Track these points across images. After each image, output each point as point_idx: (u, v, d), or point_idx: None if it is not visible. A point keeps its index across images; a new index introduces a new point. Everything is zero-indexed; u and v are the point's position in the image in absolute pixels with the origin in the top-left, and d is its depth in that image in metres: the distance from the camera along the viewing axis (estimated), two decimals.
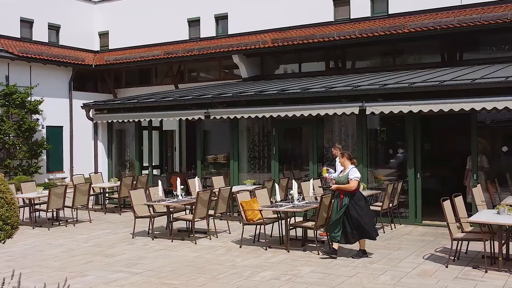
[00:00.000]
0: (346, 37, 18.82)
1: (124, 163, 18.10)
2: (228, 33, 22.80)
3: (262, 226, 11.03)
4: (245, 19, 22.30)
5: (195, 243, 11.49)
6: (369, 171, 13.77)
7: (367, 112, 12.96)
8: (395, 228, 12.73)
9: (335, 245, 10.05)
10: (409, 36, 17.99)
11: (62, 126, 23.06)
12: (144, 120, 16.40)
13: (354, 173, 9.96)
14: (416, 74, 15.53)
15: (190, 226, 12.13)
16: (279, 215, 11.23)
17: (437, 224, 12.91)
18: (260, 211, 10.88)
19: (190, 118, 15.42)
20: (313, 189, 11.74)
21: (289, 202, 11.08)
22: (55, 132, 22.72)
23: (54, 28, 24.53)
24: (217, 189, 12.52)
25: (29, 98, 21.53)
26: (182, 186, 12.40)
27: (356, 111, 13.03)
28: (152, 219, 12.27)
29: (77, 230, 13.42)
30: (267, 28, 21.80)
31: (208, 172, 18.07)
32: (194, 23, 23.76)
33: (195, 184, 13.07)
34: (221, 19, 23.24)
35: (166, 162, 22.40)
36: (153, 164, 17.46)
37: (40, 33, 23.86)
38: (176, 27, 23.74)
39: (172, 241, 11.73)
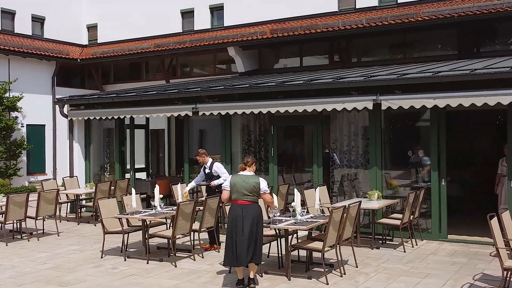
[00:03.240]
0: (352, 26, 16.34)
1: (104, 165, 15.60)
2: (224, 25, 20.27)
3: None
4: (242, 10, 19.78)
5: (175, 266, 9.02)
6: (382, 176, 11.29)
7: (383, 107, 10.50)
8: (416, 245, 10.25)
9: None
10: (422, 25, 15.48)
11: (44, 125, 20.48)
12: (125, 117, 13.88)
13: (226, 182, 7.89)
14: (433, 66, 13.05)
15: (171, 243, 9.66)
16: (277, 232, 8.77)
17: (465, 239, 10.47)
18: None
19: (175, 114, 12.91)
20: (320, 200, 9.28)
21: (290, 217, 8.60)
22: (36, 131, 20.16)
23: (38, 20, 22.00)
24: (203, 198, 10.11)
25: (6, 94, 19.00)
26: (161, 195, 9.94)
27: (369, 105, 10.57)
28: (125, 235, 9.82)
29: (40, 245, 10.95)
30: (266, 20, 19.29)
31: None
32: (187, 14, 21.22)
33: (178, 191, 10.60)
34: (216, 10, 20.71)
35: (158, 165, 19.95)
36: (136, 167, 14.91)
37: (23, 25, 21.33)
38: (169, 19, 21.22)
39: (147, 263, 9.26)
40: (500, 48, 15.24)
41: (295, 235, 9.39)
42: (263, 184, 7.70)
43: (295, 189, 8.86)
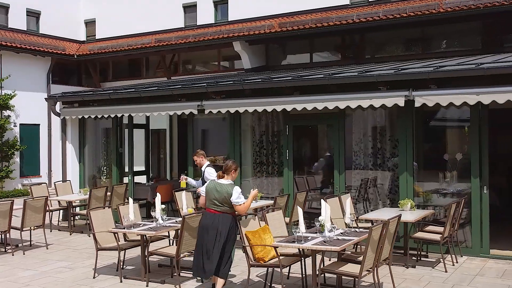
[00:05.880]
0: (367, 19, 14.80)
1: (100, 169, 13.96)
2: (229, 20, 18.71)
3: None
4: (248, 4, 18.20)
5: None
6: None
7: (417, 104, 8.89)
8: (456, 262, 8.63)
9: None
10: (444, 17, 13.98)
11: (39, 124, 18.93)
12: (123, 115, 12.23)
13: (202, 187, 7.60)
14: (467, 58, 11.46)
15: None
16: (301, 251, 7.18)
17: (511, 256, 8.88)
18: (275, 247, 6.84)
19: (179, 112, 11.28)
20: (350, 212, 7.70)
21: (316, 232, 7.00)
22: (30, 131, 18.61)
23: (33, 15, 20.42)
24: None
25: None
26: (163, 206, 8.33)
27: (400, 102, 8.97)
28: (122, 251, 8.22)
29: (25, 261, 9.33)
30: (273, 14, 17.69)
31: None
32: (190, 8, 19.66)
33: (183, 200, 9.00)
34: (220, 3, 19.14)
35: (159, 167, 18.31)
36: (136, 170, 13.21)
37: (17, 20, 19.76)
38: (170, 14, 19.64)
39: (147, 285, 7.66)
40: None
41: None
42: (235, 196, 6.70)
43: (322, 200, 7.28)
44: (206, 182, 9.08)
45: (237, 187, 6.82)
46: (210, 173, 9.27)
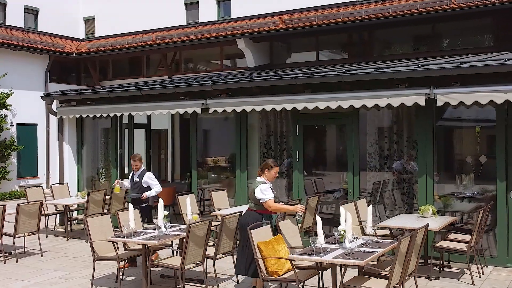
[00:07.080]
0: (377, 15, 14.09)
1: (99, 170, 13.20)
2: (232, 17, 17.99)
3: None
4: (252, 1, 17.47)
5: None
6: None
7: (439, 103, 8.16)
8: (483, 273, 7.90)
9: None
10: (457, 13, 13.28)
11: (37, 124, 18.18)
12: (122, 114, 11.47)
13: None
14: (481, 56, 10.75)
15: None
16: (319, 264, 6.43)
17: None
18: (291, 261, 6.09)
19: (181, 111, 10.53)
20: (372, 219, 6.96)
21: (334, 243, 6.26)
22: (27, 131, 17.86)
23: (31, 12, 19.68)
24: (219, 213, 7.83)
25: None
26: (166, 212, 7.58)
27: (421, 101, 8.22)
28: (121, 262, 7.48)
29: (18, 270, 8.57)
30: (278, 10, 16.97)
31: (206, 180, 13.36)
32: (191, 6, 18.94)
33: (187, 205, 8.25)
34: (223, 0, 18.41)
35: (160, 169, 17.55)
36: None
37: (15, 17, 19.03)
38: (171, 11, 18.91)
39: None
40: None
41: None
42: (257, 192, 6.70)
43: (341, 207, 6.56)
44: (144, 187, 8.88)
45: (263, 184, 6.72)
46: (152, 178, 9.04)
